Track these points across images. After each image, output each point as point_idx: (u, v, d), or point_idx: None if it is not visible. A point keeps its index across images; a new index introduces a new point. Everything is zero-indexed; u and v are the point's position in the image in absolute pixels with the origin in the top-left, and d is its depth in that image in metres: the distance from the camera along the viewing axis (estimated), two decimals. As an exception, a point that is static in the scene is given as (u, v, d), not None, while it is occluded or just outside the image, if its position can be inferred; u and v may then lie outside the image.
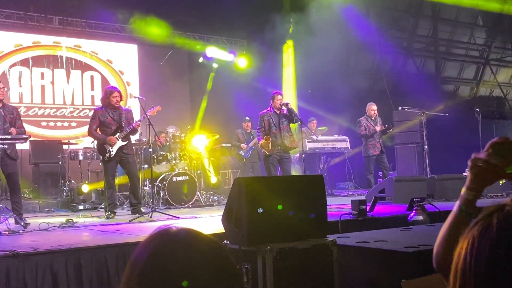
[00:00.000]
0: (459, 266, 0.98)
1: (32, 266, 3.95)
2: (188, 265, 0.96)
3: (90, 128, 7.65)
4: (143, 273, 0.96)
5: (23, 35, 11.82)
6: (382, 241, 3.77)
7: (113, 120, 7.53)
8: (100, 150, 7.56)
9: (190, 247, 0.99)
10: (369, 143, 10.15)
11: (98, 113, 7.61)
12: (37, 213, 8.84)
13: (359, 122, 10.34)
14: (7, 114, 6.70)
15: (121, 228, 6.06)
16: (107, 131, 7.49)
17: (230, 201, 3.81)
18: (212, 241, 1.04)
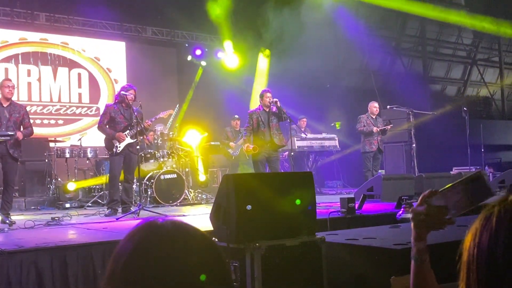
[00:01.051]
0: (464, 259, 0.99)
1: (16, 264, 3.89)
2: (174, 257, 0.93)
3: (101, 122, 7.63)
4: (128, 265, 0.93)
5: (9, 32, 11.68)
6: (370, 239, 3.77)
7: (124, 118, 7.56)
8: (108, 145, 7.55)
9: (176, 239, 0.96)
10: (366, 140, 10.20)
11: (110, 108, 7.63)
12: (23, 211, 8.74)
13: (360, 118, 10.37)
14: (13, 113, 6.71)
15: (107, 226, 6.00)
16: (116, 128, 7.50)
17: (219, 198, 3.78)
18: (199, 233, 1.01)
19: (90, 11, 11.93)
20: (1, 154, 6.62)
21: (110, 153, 7.56)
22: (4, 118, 6.67)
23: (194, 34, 13.94)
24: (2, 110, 6.72)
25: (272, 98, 8.23)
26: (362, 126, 10.23)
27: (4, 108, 6.75)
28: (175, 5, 12.20)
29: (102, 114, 7.77)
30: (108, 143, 7.56)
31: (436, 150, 12.88)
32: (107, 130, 7.55)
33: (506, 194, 1.01)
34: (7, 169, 6.72)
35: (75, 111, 12.30)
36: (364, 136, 10.26)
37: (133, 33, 13.20)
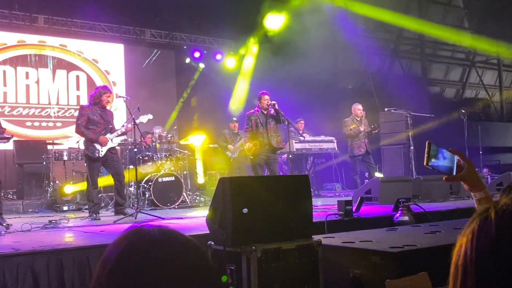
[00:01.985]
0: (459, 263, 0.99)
1: (12, 267, 3.88)
2: (160, 264, 0.93)
3: (78, 125, 7.32)
4: (114, 271, 0.93)
5: (8, 34, 11.68)
6: (367, 241, 3.76)
7: (102, 120, 7.38)
8: (88, 148, 7.31)
9: (163, 246, 0.96)
10: (354, 143, 10.17)
11: (87, 110, 7.37)
12: (20, 214, 8.72)
13: (345, 122, 10.35)
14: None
15: (104, 229, 5.99)
16: (96, 130, 7.31)
17: (215, 201, 3.78)
18: (187, 240, 1.01)
19: (89, 13, 11.93)
20: None
21: (90, 157, 7.30)
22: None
23: (193, 37, 13.96)
24: None
25: (270, 100, 8.24)
26: (349, 130, 10.22)
27: None
28: (173, 7, 12.21)
29: (79, 115, 7.42)
30: (89, 146, 7.30)
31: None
32: (87, 133, 7.28)
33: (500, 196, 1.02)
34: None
35: (73, 114, 12.28)
36: (351, 140, 10.24)
37: (132, 36, 13.21)
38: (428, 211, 5.66)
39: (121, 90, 12.58)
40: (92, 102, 7.45)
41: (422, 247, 3.35)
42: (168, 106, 13.34)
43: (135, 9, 12.33)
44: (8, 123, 10.76)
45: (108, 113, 7.53)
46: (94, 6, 11.48)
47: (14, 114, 11.50)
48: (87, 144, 7.36)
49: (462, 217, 5.86)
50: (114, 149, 7.47)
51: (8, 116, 11.25)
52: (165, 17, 12.79)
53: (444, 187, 8.40)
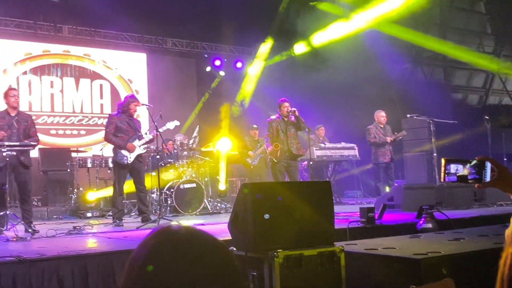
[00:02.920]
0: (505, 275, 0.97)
1: (38, 272, 3.95)
2: (187, 263, 0.95)
3: (107, 133, 7.56)
4: (142, 270, 0.95)
5: (33, 44, 11.92)
6: (390, 248, 3.73)
7: (130, 128, 7.56)
8: (117, 155, 7.50)
9: (189, 245, 0.98)
10: (378, 151, 10.09)
11: (115, 118, 7.59)
12: (45, 221, 8.86)
13: (368, 130, 10.27)
14: (21, 121, 6.74)
15: (128, 235, 6.05)
16: (123, 138, 7.49)
17: (236, 207, 3.80)
18: (213, 239, 1.03)
19: (112, 23, 12.12)
20: (13, 165, 6.50)
21: (118, 163, 7.48)
22: (14, 127, 6.61)
23: (213, 45, 14.07)
24: (11, 119, 6.66)
25: (290, 107, 8.25)
26: (373, 138, 10.13)
27: (12, 117, 6.69)
28: (195, 16, 12.33)
29: (108, 123, 7.67)
30: (117, 153, 7.49)
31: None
32: (115, 140, 7.47)
33: None
34: (21, 179, 6.68)
35: (96, 122, 12.46)
36: (375, 147, 10.16)
37: (154, 45, 13.37)
38: (452, 218, 5.59)
39: (143, 98, 12.70)
40: (120, 111, 7.66)
41: (446, 254, 3.31)
42: (190, 114, 13.44)
43: (157, 19, 12.47)
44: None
45: (136, 121, 7.65)
46: (117, 16, 11.65)
47: (39, 122, 11.69)
48: (116, 151, 7.53)
49: (486, 224, 5.78)
50: (141, 156, 7.60)
51: (33, 124, 11.45)
52: (186, 26, 12.92)
53: (468, 194, 8.29)
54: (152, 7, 11.67)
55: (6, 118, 6.67)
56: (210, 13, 12.44)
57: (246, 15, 12.18)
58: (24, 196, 6.76)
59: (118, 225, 7.24)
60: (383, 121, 10.30)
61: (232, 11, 12.05)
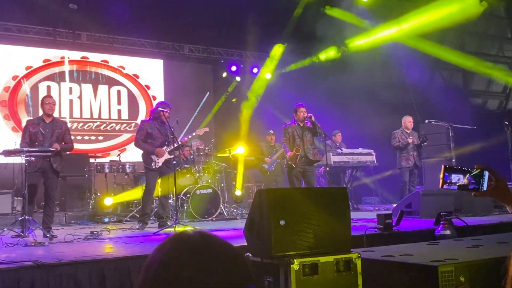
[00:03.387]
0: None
1: (56, 277, 3.98)
2: (202, 268, 0.95)
3: (137, 139, 7.75)
4: (158, 275, 0.97)
5: (52, 51, 12.10)
6: (407, 255, 3.69)
7: (160, 134, 7.69)
8: (146, 160, 7.67)
9: (204, 251, 0.99)
10: (402, 155, 10.06)
11: (146, 124, 7.76)
12: (63, 226, 8.95)
13: (394, 134, 10.26)
14: (55, 128, 6.90)
15: (144, 240, 6.08)
16: (154, 143, 7.64)
17: (252, 213, 3.79)
18: (226, 244, 1.03)
19: (130, 30, 12.25)
20: (43, 169, 6.78)
21: (148, 167, 7.66)
22: (48, 134, 6.86)
23: (230, 51, 14.12)
24: (45, 126, 6.92)
25: (307, 113, 8.23)
26: (397, 142, 10.08)
27: (47, 124, 6.94)
28: (211, 22, 12.39)
29: (139, 130, 7.87)
30: (147, 158, 7.67)
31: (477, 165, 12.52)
32: (144, 145, 7.66)
33: None
34: (49, 184, 6.88)
35: (114, 127, 12.57)
36: (399, 152, 10.11)
37: (171, 51, 13.47)
38: (471, 225, 5.51)
39: (160, 104, 12.79)
40: (152, 117, 7.79)
41: (464, 261, 3.26)
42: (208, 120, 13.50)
43: (174, 25, 12.57)
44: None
45: (168, 127, 7.71)
46: (135, 22, 11.77)
47: (58, 128, 11.84)
48: (145, 156, 7.70)
49: (506, 231, 5.68)
50: (169, 162, 7.66)
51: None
52: (203, 32, 12.99)
53: (488, 201, 8.16)
54: (169, 14, 11.76)
55: (41, 124, 6.92)
56: (226, 19, 12.48)
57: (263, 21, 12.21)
58: (48, 201, 6.92)
59: (141, 228, 7.32)
60: (410, 127, 10.28)
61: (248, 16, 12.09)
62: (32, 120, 7.15)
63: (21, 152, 6.45)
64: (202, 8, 11.64)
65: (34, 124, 6.94)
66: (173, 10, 11.79)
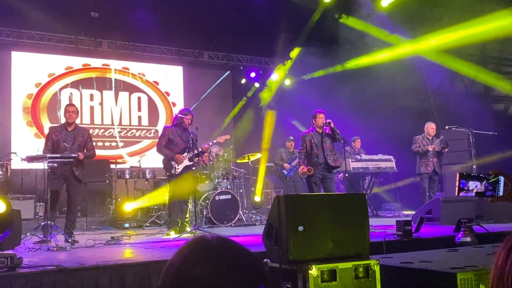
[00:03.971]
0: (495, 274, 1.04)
1: (78, 281, 4.04)
2: (219, 272, 0.98)
3: (159, 144, 7.81)
4: (176, 277, 0.99)
5: (74, 58, 12.29)
6: (427, 262, 3.67)
7: (181, 140, 7.74)
8: (166, 166, 7.73)
9: (222, 255, 1.01)
10: (421, 161, 9.96)
11: (168, 131, 7.84)
12: (84, 231, 9.06)
13: (415, 139, 10.17)
14: (77, 136, 7.02)
15: (164, 245, 6.13)
16: (175, 150, 7.69)
17: (271, 219, 3.81)
18: (245, 251, 1.06)
19: (150, 37, 12.39)
20: (65, 175, 6.88)
21: (169, 174, 7.72)
22: (69, 142, 6.97)
23: (249, 57, 14.19)
24: (67, 134, 7.03)
25: (325, 119, 8.21)
26: (417, 147, 10.00)
27: (69, 132, 7.06)
28: (230, 29, 12.47)
29: (161, 136, 7.95)
30: (167, 164, 7.72)
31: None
32: (166, 151, 7.71)
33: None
34: (71, 190, 6.98)
35: (135, 134, 12.71)
36: (419, 157, 10.02)
37: (190, 58, 13.58)
38: (492, 232, 5.45)
39: (180, 111, 12.91)
40: (174, 123, 7.86)
41: (484, 268, 3.23)
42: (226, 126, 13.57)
43: (194, 32, 12.68)
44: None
45: (190, 134, 7.75)
46: (155, 30, 11.90)
47: (80, 134, 12.02)
48: (166, 162, 7.75)
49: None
50: (190, 168, 7.72)
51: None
52: (222, 39, 13.08)
53: (510, 207, 8.04)
54: (189, 21, 11.87)
55: (63, 132, 7.04)
56: (245, 25, 12.55)
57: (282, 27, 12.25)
58: (71, 207, 7.02)
59: (167, 234, 7.38)
60: (432, 133, 10.16)
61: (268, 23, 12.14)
62: (55, 128, 7.27)
63: (44, 158, 6.57)
64: (221, 16, 11.73)
65: (57, 132, 7.06)
66: (193, 17, 11.90)
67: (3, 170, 9.43)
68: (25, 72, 11.73)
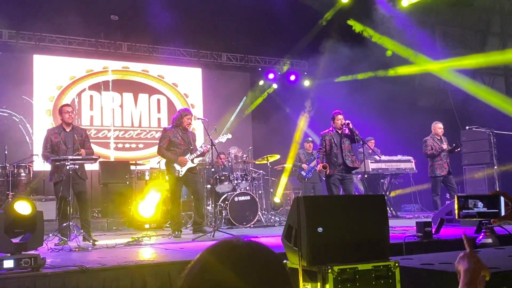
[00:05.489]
0: None
1: (99, 281, 4.10)
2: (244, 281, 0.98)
3: (160, 147, 7.70)
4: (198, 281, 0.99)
5: (94, 61, 12.45)
6: (447, 263, 3.64)
7: (183, 141, 7.65)
8: (169, 168, 7.66)
9: (246, 259, 1.01)
10: (435, 163, 9.82)
11: (168, 132, 7.71)
12: (105, 232, 9.16)
13: (425, 141, 10.04)
14: (76, 136, 7.03)
15: (184, 246, 6.18)
16: (176, 151, 7.61)
17: (290, 220, 3.82)
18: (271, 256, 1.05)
19: (169, 40, 12.50)
20: (71, 176, 6.74)
21: (172, 176, 7.61)
22: (70, 142, 6.94)
23: (267, 59, 14.21)
24: (67, 135, 6.99)
25: (344, 120, 8.21)
26: (430, 149, 9.86)
27: (68, 133, 7.00)
28: (248, 31, 12.52)
29: (161, 137, 7.79)
30: (170, 166, 7.63)
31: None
32: (167, 154, 7.60)
33: None
34: (79, 189, 6.95)
35: (154, 135, 12.82)
36: (432, 160, 9.87)
37: (209, 59, 13.65)
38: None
39: (199, 112, 13.00)
40: (174, 124, 7.77)
41: (506, 270, 3.20)
42: (243, 126, 13.60)
43: (212, 34, 12.76)
44: (94, 145, 11.38)
45: (190, 134, 7.77)
46: (174, 33, 12.00)
47: (100, 136, 12.16)
48: (168, 165, 7.68)
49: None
50: (194, 169, 7.71)
51: (94, 138, 11.92)
52: (240, 41, 13.12)
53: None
54: (207, 24, 11.95)
55: (62, 134, 6.99)
56: (264, 27, 12.59)
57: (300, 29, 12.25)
58: (82, 205, 7.06)
59: (176, 236, 7.39)
60: (440, 133, 10.03)
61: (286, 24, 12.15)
62: (53, 130, 7.18)
63: (66, 160, 6.65)
64: (240, 17, 11.78)
65: (56, 134, 6.99)
66: (211, 20, 11.97)
67: (25, 172, 9.57)
68: (46, 75, 11.91)
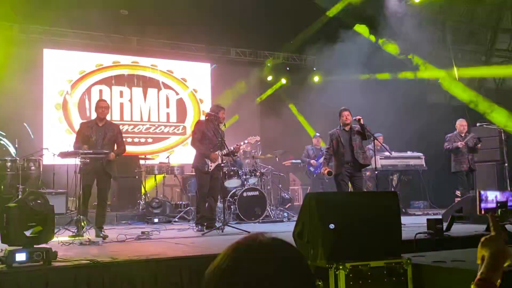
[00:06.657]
0: None
1: (111, 275, 4.12)
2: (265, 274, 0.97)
3: (194, 139, 7.70)
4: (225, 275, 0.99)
5: (104, 56, 12.48)
6: (459, 261, 3.63)
7: (215, 136, 7.61)
8: (200, 162, 7.62)
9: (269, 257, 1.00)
10: (457, 159, 9.80)
11: (203, 125, 7.72)
12: (114, 225, 9.18)
13: (448, 137, 10.01)
14: (107, 132, 7.11)
15: (194, 241, 6.19)
16: (209, 146, 7.60)
17: (302, 216, 3.82)
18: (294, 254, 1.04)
19: (178, 34, 12.49)
20: (96, 170, 6.97)
21: (200, 170, 7.61)
22: (100, 137, 7.05)
23: (276, 54, 14.17)
24: (98, 129, 7.12)
25: (351, 115, 8.05)
26: (447, 145, 9.83)
27: (100, 127, 7.14)
28: (258, 26, 12.48)
29: (195, 130, 7.79)
30: (200, 160, 7.62)
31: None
32: (201, 147, 7.59)
33: None
34: (102, 185, 7.08)
35: (163, 130, 12.84)
36: (454, 156, 9.83)
37: (218, 55, 13.64)
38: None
39: (207, 107, 12.97)
40: (208, 118, 7.72)
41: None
42: (252, 122, 13.58)
43: (221, 29, 12.73)
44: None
45: (221, 131, 7.73)
46: (183, 27, 12.00)
47: (109, 130, 12.20)
48: (199, 158, 7.65)
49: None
50: (220, 166, 7.72)
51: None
52: (249, 36, 13.09)
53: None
54: (216, 18, 11.92)
55: (94, 127, 7.12)
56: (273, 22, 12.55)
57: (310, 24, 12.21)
58: (101, 201, 7.12)
59: (199, 230, 7.38)
60: (463, 130, 9.96)
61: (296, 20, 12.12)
62: (86, 123, 7.36)
63: (77, 154, 6.69)
64: (249, 12, 11.75)
65: (88, 127, 7.15)
66: (220, 14, 11.94)
67: (35, 165, 9.63)
68: (56, 69, 11.95)
